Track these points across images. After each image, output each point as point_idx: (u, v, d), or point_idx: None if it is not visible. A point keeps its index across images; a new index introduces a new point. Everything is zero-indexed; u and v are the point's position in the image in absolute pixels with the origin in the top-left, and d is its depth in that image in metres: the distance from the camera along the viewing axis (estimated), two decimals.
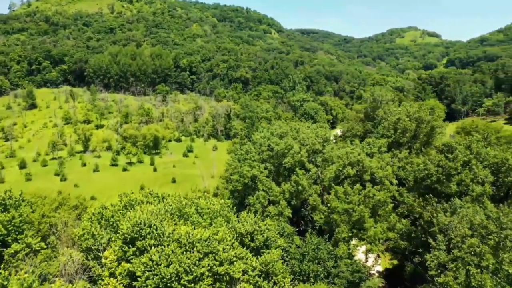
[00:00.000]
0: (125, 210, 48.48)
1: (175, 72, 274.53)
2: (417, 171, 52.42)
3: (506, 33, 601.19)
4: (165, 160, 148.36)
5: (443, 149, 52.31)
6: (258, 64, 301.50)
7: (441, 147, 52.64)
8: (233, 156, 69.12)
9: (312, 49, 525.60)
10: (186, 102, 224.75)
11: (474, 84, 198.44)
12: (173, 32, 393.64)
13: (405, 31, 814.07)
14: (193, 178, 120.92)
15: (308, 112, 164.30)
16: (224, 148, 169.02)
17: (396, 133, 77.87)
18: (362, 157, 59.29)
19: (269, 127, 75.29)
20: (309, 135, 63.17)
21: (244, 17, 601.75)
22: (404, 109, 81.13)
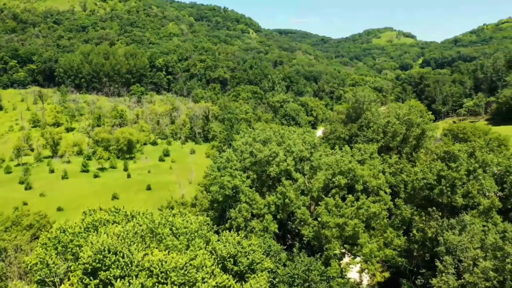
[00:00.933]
0: (87, 233, 41.82)
1: (151, 72, 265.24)
2: (415, 181, 47.72)
3: (478, 34, 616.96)
4: (139, 165, 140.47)
5: (444, 157, 47.78)
6: (237, 64, 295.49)
7: (441, 154, 48.04)
8: (213, 164, 62.99)
9: (291, 49, 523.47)
10: (162, 103, 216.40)
11: (453, 84, 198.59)
12: (149, 31, 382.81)
13: (381, 31, 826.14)
14: (170, 185, 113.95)
15: (289, 114, 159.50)
16: (202, 151, 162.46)
17: (386, 137, 73.58)
18: (353, 165, 54.37)
19: (251, 131, 69.54)
20: (296, 141, 57.80)
21: (222, 17, 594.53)
22: (393, 111, 76.99)
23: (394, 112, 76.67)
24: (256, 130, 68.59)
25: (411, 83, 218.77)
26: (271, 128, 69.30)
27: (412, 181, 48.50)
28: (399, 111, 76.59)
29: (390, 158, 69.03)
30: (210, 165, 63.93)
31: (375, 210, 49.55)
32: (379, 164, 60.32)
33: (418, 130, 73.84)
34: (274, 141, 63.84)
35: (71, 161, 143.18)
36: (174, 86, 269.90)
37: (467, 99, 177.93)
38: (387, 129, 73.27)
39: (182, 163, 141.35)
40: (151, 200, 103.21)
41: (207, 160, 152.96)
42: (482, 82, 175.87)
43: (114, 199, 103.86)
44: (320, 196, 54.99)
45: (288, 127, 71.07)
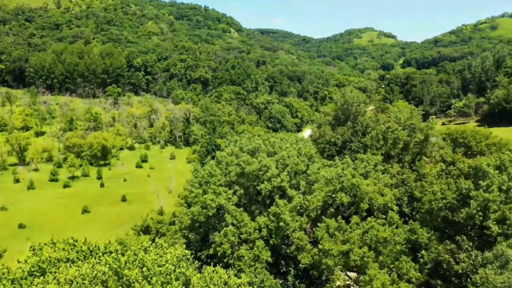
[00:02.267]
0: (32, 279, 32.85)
1: (128, 72, 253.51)
2: (434, 201, 40.41)
3: (457, 34, 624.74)
4: (115, 172, 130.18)
5: (469, 173, 40.60)
6: (218, 64, 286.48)
7: (466, 170, 40.82)
8: (193, 179, 54.46)
9: (273, 48, 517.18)
10: (140, 105, 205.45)
11: (440, 84, 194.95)
12: (126, 30, 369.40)
13: (362, 31, 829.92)
14: (147, 195, 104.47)
15: (274, 116, 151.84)
16: (183, 156, 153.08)
17: (387, 144, 66.44)
18: (358, 181, 46.79)
19: (237, 139, 61.27)
20: (290, 153, 49.84)
21: (202, 16, 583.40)
22: (393, 115, 69.94)
23: (394, 117, 69.63)
24: (242, 139, 60.30)
25: (397, 84, 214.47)
26: (259, 136, 61.18)
27: (430, 202, 41.15)
28: (399, 115, 69.58)
29: (391, 168, 61.96)
30: (190, 180, 55.49)
31: (385, 236, 42.12)
32: (384, 177, 53.00)
33: (421, 136, 67.00)
34: (263, 150, 55.83)
35: (39, 169, 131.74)
36: (153, 86, 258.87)
37: (455, 100, 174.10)
38: (387, 135, 66.08)
39: (161, 170, 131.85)
40: (125, 214, 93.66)
41: (188, 166, 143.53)
42: (470, 82, 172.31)
43: (84, 212, 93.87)
44: (320, 217, 47.31)
45: (278, 134, 63.01)
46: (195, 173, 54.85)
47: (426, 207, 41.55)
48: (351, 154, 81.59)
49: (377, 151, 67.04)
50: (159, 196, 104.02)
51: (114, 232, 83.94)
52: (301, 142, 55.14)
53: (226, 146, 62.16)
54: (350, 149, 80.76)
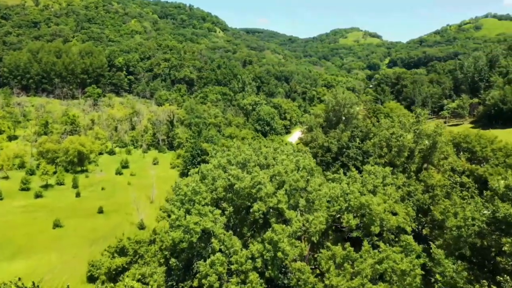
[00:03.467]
0: None
1: (110, 72, 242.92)
2: (464, 228, 33.80)
3: (442, 34, 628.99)
4: (92, 180, 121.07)
5: (505, 193, 34.07)
6: (204, 64, 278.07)
7: (502, 190, 34.28)
8: (174, 197, 46.90)
9: (259, 48, 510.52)
10: (122, 107, 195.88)
11: (431, 84, 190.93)
12: (108, 28, 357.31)
13: (348, 31, 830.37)
14: (127, 206, 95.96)
15: (263, 118, 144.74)
16: (166, 161, 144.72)
17: (391, 152, 59.96)
18: (367, 199, 39.99)
19: (225, 149, 53.91)
20: (288, 167, 42.68)
21: (187, 15, 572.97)
22: (397, 119, 63.48)
23: (398, 121, 63.23)
24: (231, 149, 52.93)
25: (388, 84, 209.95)
26: (250, 145, 53.91)
27: (459, 228, 34.47)
28: (403, 119, 63.22)
29: (396, 178, 55.48)
30: (170, 198, 47.93)
31: (404, 268, 35.40)
32: (394, 192, 46.35)
33: (428, 143, 60.77)
34: (255, 161, 48.62)
35: (9, 176, 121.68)
36: (136, 87, 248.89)
37: (447, 100, 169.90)
38: (392, 142, 59.59)
39: (142, 177, 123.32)
40: (102, 228, 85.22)
41: (172, 172, 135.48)
42: (462, 83, 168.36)
43: (56, 227, 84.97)
44: (325, 243, 40.38)
45: (271, 143, 55.80)
46: (177, 190, 47.26)
47: (454, 234, 34.78)
48: (348, 161, 75.16)
49: (380, 160, 60.60)
50: (140, 206, 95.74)
51: (87, 250, 75.60)
52: (299, 153, 48.06)
53: (212, 157, 54.80)
54: (348, 156, 74.19)
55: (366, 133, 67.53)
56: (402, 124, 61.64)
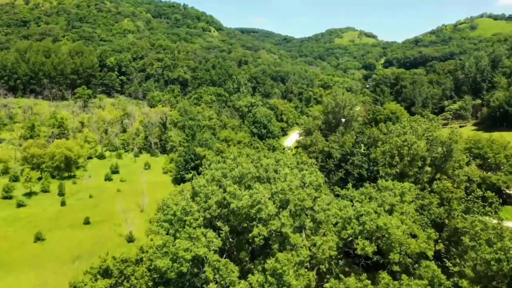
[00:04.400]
0: None
1: (101, 72, 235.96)
2: (505, 262, 28.42)
3: (438, 34, 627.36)
4: (80, 186, 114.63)
5: None
6: (198, 64, 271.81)
7: None
8: (161, 217, 41.16)
9: (254, 48, 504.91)
10: (113, 108, 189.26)
11: (431, 85, 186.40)
12: (100, 27, 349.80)
13: (343, 31, 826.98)
14: (115, 216, 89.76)
15: (259, 120, 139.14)
16: (159, 166, 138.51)
17: (403, 161, 54.57)
18: (385, 221, 34.49)
19: (220, 160, 48.26)
20: (292, 183, 37.09)
21: (181, 14, 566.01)
22: (408, 124, 58.07)
23: (410, 127, 57.84)
24: (227, 160, 47.25)
25: (386, 84, 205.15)
26: (247, 156, 48.17)
27: (499, 261, 29.08)
28: (416, 125, 57.85)
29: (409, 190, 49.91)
30: (157, 219, 42.17)
31: None
32: (413, 210, 40.89)
33: (442, 150, 55.46)
34: (253, 174, 43.00)
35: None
36: (128, 87, 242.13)
37: (448, 101, 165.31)
38: (403, 150, 54.18)
39: (133, 183, 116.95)
40: (87, 241, 79.12)
41: (164, 177, 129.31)
42: (463, 83, 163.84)
43: (37, 240, 78.77)
44: (337, 273, 34.86)
45: (272, 154, 50.11)
46: (164, 209, 41.46)
47: (494, 268, 29.35)
48: (353, 169, 69.75)
49: (390, 170, 55.19)
50: (130, 216, 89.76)
51: (71, 267, 69.54)
52: (304, 166, 42.44)
53: (206, 168, 49.05)
54: (353, 164, 68.73)
55: (374, 140, 61.93)
56: (413, 130, 56.28)
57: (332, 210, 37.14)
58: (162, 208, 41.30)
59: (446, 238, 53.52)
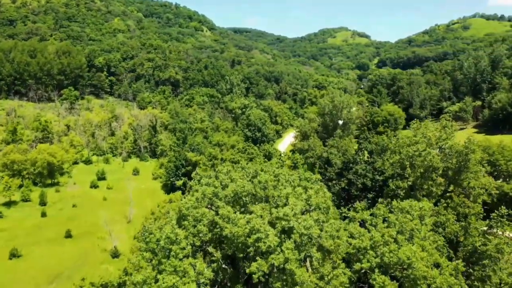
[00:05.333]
0: None
1: (89, 72, 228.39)
2: None
3: (431, 34, 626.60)
4: (63, 195, 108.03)
5: None
6: (190, 64, 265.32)
7: None
8: (143, 246, 35.36)
9: (247, 47, 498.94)
10: (101, 110, 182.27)
11: (428, 86, 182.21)
12: (89, 26, 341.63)
13: (336, 31, 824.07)
14: (100, 227, 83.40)
15: (253, 123, 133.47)
16: (148, 171, 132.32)
17: (414, 173, 49.26)
18: (407, 252, 29.04)
19: (211, 175, 42.49)
20: (297, 207, 31.49)
21: (173, 13, 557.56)
22: (419, 132, 52.68)
23: (421, 134, 52.55)
24: (219, 174, 41.54)
25: (383, 85, 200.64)
26: (243, 169, 42.43)
27: None
28: (425, 131, 52.58)
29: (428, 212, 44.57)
30: (137, 250, 36.33)
31: None
32: (434, 235, 35.52)
33: (458, 161, 50.26)
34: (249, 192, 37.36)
35: None
36: (117, 88, 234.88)
37: (447, 103, 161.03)
38: (416, 161, 48.86)
39: (121, 190, 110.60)
40: (67, 258, 72.83)
41: (154, 184, 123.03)
42: (462, 84, 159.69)
43: (13, 257, 72.39)
44: None
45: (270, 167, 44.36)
46: (146, 236, 35.59)
47: None
48: (356, 179, 64.41)
49: (402, 183, 49.84)
50: (116, 228, 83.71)
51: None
52: (308, 183, 36.84)
53: (196, 184, 43.24)
54: (356, 173, 63.38)
55: (382, 148, 56.44)
56: (426, 137, 51.02)
57: (342, 238, 31.67)
58: (144, 234, 35.41)
59: (463, 257, 48.46)
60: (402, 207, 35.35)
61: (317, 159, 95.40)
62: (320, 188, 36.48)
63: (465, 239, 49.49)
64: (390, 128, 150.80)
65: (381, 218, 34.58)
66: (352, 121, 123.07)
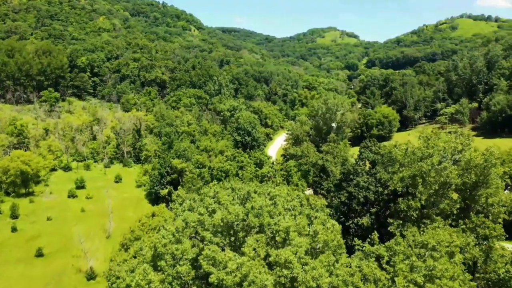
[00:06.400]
0: None
1: (71, 73, 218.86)
2: None
3: (419, 34, 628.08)
4: (38, 206, 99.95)
5: None
6: (177, 64, 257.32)
7: None
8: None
9: (236, 47, 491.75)
10: (84, 112, 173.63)
11: (421, 86, 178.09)
12: (73, 25, 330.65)
13: (325, 31, 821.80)
14: (75, 245, 75.82)
15: (243, 127, 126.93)
16: (132, 178, 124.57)
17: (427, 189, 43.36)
18: None
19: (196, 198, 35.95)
20: (300, 248, 25.07)
21: (161, 12, 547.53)
22: (431, 143, 46.55)
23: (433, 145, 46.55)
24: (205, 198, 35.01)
25: (375, 86, 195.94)
26: (233, 190, 35.90)
27: None
28: (439, 142, 46.66)
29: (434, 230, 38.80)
30: None
31: None
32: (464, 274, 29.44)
33: (476, 176, 44.45)
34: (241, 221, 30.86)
35: None
36: (101, 89, 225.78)
37: (441, 104, 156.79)
38: (430, 177, 42.91)
39: (101, 200, 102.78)
40: (37, 281, 65.47)
41: (137, 192, 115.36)
42: (457, 85, 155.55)
43: None
44: None
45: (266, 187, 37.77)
46: (113, 281, 28.77)
47: None
48: (358, 192, 58.41)
49: (414, 202, 43.83)
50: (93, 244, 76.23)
51: None
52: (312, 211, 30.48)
53: (177, 208, 36.63)
54: (358, 185, 57.37)
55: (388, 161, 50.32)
56: (439, 149, 45.11)
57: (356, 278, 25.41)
58: (110, 279, 28.63)
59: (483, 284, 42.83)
60: (426, 242, 29.16)
61: (312, 167, 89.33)
62: (326, 218, 30.21)
63: (486, 264, 43.82)
64: (385, 130, 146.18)
65: (401, 256, 28.46)
66: (347, 124, 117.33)
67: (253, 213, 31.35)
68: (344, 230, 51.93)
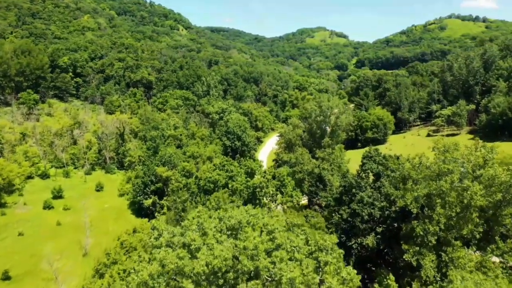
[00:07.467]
0: None
1: (52, 73, 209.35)
2: None
3: (408, 34, 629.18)
4: (9, 219, 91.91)
5: None
6: (164, 64, 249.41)
7: None
8: None
9: (225, 47, 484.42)
10: (64, 115, 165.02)
11: (415, 87, 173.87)
12: (55, 24, 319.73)
13: (314, 31, 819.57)
14: (46, 267, 68.43)
15: (232, 131, 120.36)
16: (114, 186, 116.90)
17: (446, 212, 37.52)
18: None
19: (176, 232, 29.42)
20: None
21: (148, 11, 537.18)
22: (448, 155, 40.54)
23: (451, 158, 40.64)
24: (189, 229, 28.64)
25: (369, 87, 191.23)
26: (221, 220, 29.51)
27: None
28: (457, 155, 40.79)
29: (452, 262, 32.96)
30: None
31: None
32: None
33: (502, 195, 38.73)
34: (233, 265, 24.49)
35: None
36: (84, 91, 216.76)
37: (436, 106, 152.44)
38: (450, 197, 37.07)
39: (80, 211, 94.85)
40: None
41: (120, 202, 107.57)
42: (452, 86, 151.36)
43: None
44: None
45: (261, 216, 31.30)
46: None
47: None
48: (362, 209, 52.44)
49: (431, 226, 37.88)
50: (67, 264, 69.13)
51: None
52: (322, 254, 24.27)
53: (154, 241, 30.05)
54: (362, 201, 51.43)
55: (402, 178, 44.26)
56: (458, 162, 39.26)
57: None
58: None
59: None
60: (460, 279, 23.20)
61: (307, 175, 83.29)
62: (342, 264, 24.08)
63: None
64: (380, 133, 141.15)
65: None
66: (342, 128, 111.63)
67: (246, 254, 25.00)
68: (346, 250, 46.05)
